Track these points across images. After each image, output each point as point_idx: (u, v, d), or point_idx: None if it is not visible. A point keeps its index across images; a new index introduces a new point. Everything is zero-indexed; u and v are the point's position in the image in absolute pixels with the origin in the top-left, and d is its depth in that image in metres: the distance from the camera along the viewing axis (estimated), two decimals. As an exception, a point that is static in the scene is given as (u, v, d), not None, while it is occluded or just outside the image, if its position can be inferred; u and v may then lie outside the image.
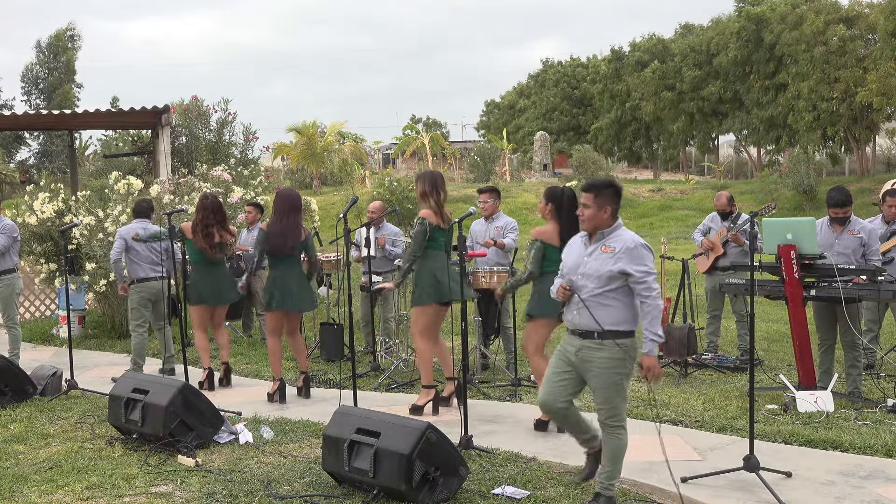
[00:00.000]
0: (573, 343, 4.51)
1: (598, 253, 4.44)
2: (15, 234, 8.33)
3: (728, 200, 8.54)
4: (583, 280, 4.44)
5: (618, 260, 4.36)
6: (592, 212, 4.46)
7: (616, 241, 4.43)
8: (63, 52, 51.55)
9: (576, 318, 4.47)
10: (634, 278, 4.34)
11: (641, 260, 4.36)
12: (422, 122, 63.61)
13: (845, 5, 31.46)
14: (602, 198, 4.45)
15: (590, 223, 4.48)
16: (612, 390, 4.40)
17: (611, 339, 4.37)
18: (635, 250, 4.37)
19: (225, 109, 15.07)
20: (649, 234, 25.75)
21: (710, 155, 46.71)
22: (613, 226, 4.48)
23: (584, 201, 4.49)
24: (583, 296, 4.40)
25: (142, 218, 8.30)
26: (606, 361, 4.38)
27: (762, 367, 7.92)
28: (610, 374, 4.38)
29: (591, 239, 4.53)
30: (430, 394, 6.65)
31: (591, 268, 4.42)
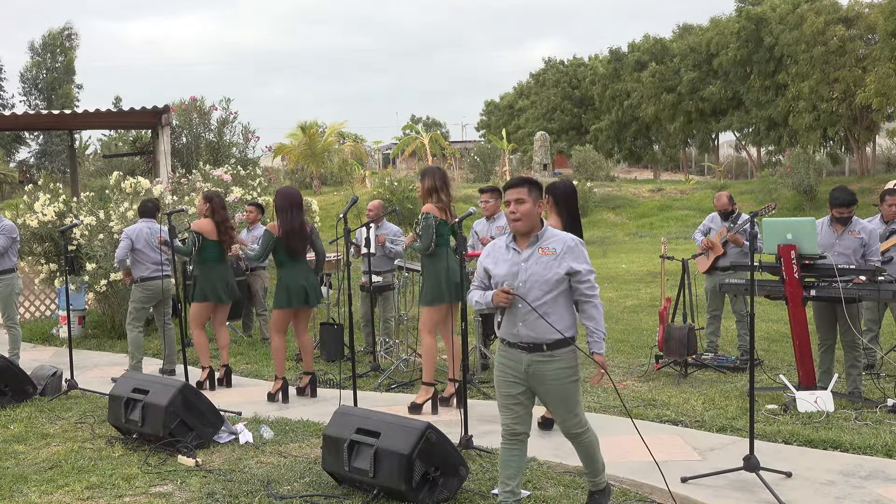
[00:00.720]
0: (518, 358, 4.14)
1: (538, 257, 4.09)
2: (14, 235, 8.33)
3: (728, 200, 8.55)
4: (525, 289, 4.06)
5: (562, 260, 4.07)
6: (529, 206, 4.09)
7: (554, 241, 4.13)
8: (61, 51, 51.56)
9: (521, 330, 4.10)
10: (580, 276, 4.08)
11: (583, 257, 4.14)
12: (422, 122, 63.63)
13: (845, 5, 31.47)
14: (534, 194, 4.13)
15: (527, 220, 4.10)
16: (572, 399, 4.17)
17: (561, 349, 4.09)
18: (576, 248, 4.13)
19: (226, 108, 15.09)
20: (649, 235, 25.76)
21: (710, 155, 46.72)
22: (545, 226, 4.19)
23: (516, 196, 4.09)
24: (528, 307, 4.06)
25: (147, 218, 8.32)
26: (561, 372, 4.10)
27: (762, 367, 7.92)
28: (566, 384, 4.13)
29: (523, 243, 4.16)
30: (429, 392, 6.65)
31: (536, 273, 4.06)
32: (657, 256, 10.27)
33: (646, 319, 11.05)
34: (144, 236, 8.11)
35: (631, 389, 7.32)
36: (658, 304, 9.04)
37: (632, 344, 9.42)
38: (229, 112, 15.15)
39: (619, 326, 10.64)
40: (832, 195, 6.82)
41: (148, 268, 8.11)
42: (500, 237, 4.30)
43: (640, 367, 8.20)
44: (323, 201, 26.79)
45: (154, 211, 8.41)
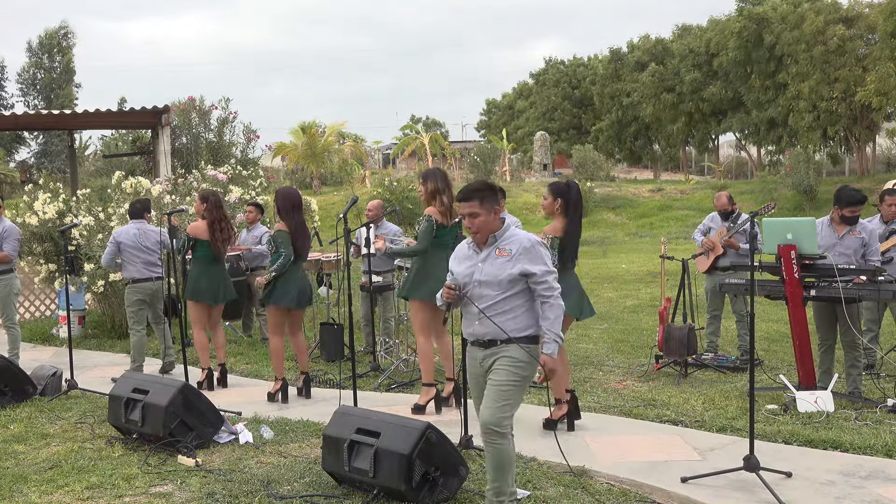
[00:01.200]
0: (476, 355, 4.27)
1: (494, 257, 4.18)
2: (18, 236, 8.35)
3: (728, 200, 8.55)
4: (480, 288, 4.17)
5: (516, 261, 4.13)
6: (483, 219, 4.17)
7: (510, 242, 4.19)
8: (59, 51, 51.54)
9: (477, 329, 4.21)
10: (535, 277, 4.11)
11: (540, 258, 4.15)
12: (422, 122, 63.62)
13: (845, 5, 31.47)
14: (488, 202, 4.18)
15: (484, 230, 4.19)
16: (507, 391, 4.10)
17: (513, 344, 4.14)
18: (532, 249, 4.15)
19: (225, 108, 15.09)
20: (649, 235, 25.77)
21: (710, 155, 46.73)
22: (503, 227, 4.24)
23: (469, 211, 4.17)
24: (483, 304, 4.15)
25: (136, 219, 8.30)
26: (507, 360, 4.13)
27: (762, 367, 7.92)
28: (510, 371, 4.11)
29: (483, 244, 4.25)
30: (430, 392, 6.64)
31: (489, 274, 4.15)
32: (657, 256, 10.26)
33: (646, 319, 11.05)
34: (132, 238, 8.09)
35: (631, 389, 7.32)
36: (658, 304, 9.03)
37: (632, 344, 9.43)
38: (229, 112, 15.15)
39: (619, 326, 10.64)
40: (842, 194, 6.74)
41: (138, 269, 8.09)
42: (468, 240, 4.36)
43: (640, 367, 8.20)
44: (323, 201, 26.79)
45: (142, 211, 8.39)
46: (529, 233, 4.28)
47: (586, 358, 8.71)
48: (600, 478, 5.05)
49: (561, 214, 6.05)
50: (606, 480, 5.00)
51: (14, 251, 8.22)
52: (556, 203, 6.04)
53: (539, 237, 6.03)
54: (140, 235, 8.11)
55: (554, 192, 6.08)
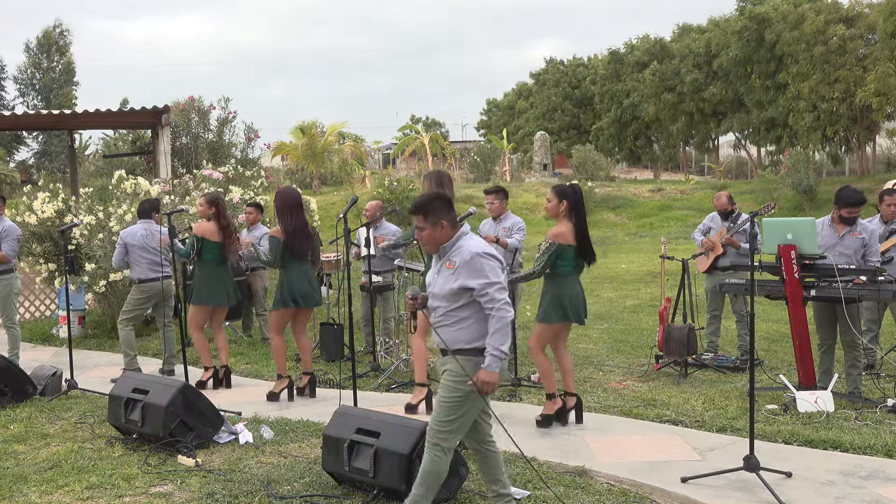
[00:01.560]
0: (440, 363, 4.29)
1: (443, 269, 4.19)
2: (17, 236, 8.34)
3: (728, 200, 8.55)
4: (433, 300, 4.22)
5: (458, 276, 4.10)
6: (428, 232, 4.19)
7: (456, 254, 4.15)
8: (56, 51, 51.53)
9: (435, 336, 4.24)
10: (475, 292, 4.06)
11: (480, 272, 4.06)
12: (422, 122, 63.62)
13: (845, 5, 31.46)
14: (434, 215, 4.17)
15: (432, 244, 4.20)
16: (448, 406, 4.09)
17: (462, 356, 4.09)
18: (472, 262, 4.07)
19: (225, 108, 15.09)
20: (649, 235, 25.77)
21: (710, 155, 46.73)
22: (455, 237, 4.20)
23: (416, 224, 4.22)
24: (437, 315, 4.18)
25: (145, 218, 8.31)
26: (448, 374, 4.12)
27: (762, 367, 7.92)
28: (448, 387, 4.10)
29: (439, 255, 4.27)
30: (423, 392, 6.66)
31: (438, 286, 4.18)
32: (657, 256, 10.27)
33: (646, 319, 11.05)
34: (140, 237, 8.08)
35: (631, 389, 7.32)
36: (658, 304, 9.04)
37: (632, 344, 9.43)
38: (228, 112, 15.16)
39: (619, 326, 10.64)
40: (842, 195, 6.74)
41: (144, 269, 8.08)
42: None
43: (640, 367, 8.20)
44: (323, 201, 26.78)
45: (151, 211, 8.38)
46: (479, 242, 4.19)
47: (586, 358, 8.71)
48: (600, 478, 5.05)
49: (566, 217, 6.08)
50: (606, 480, 5.00)
51: (13, 251, 8.22)
52: (562, 205, 6.08)
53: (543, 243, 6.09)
54: (147, 236, 8.09)
55: (559, 194, 6.11)
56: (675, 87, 38.97)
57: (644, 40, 42.34)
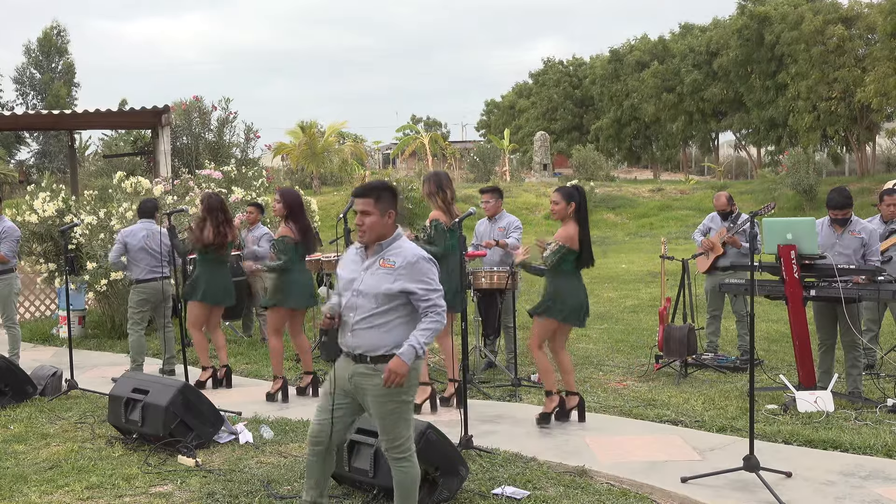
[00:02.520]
0: (346, 368, 4.00)
1: (377, 268, 3.91)
2: (16, 236, 8.34)
3: (728, 200, 8.55)
4: (357, 298, 3.92)
5: (398, 277, 3.85)
6: (375, 219, 3.89)
7: (396, 254, 3.90)
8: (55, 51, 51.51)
9: (349, 339, 3.95)
10: (417, 296, 3.85)
11: (424, 275, 3.87)
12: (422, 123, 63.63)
13: (844, 5, 31.47)
14: (383, 202, 3.90)
15: (372, 233, 3.90)
16: (392, 419, 3.89)
17: (385, 364, 3.85)
18: (417, 265, 3.86)
19: (226, 108, 15.09)
20: (649, 235, 25.77)
21: (710, 155, 46.73)
22: (393, 235, 3.96)
23: (363, 208, 3.89)
24: (358, 316, 3.90)
25: (146, 218, 8.30)
26: (380, 389, 3.87)
27: (762, 367, 7.92)
28: (386, 401, 3.87)
29: (369, 251, 3.99)
30: (426, 391, 6.66)
31: (368, 285, 3.89)
32: (657, 256, 10.27)
33: (646, 319, 11.05)
34: (141, 238, 8.06)
35: (631, 389, 7.33)
36: (658, 304, 9.04)
37: (632, 344, 9.43)
38: (229, 112, 15.16)
39: (619, 326, 10.64)
40: (829, 197, 6.81)
41: (143, 269, 8.06)
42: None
43: (640, 367, 8.20)
44: (323, 201, 26.79)
45: (153, 211, 8.36)
46: (418, 247, 3.99)
47: (586, 358, 8.71)
48: (600, 478, 5.05)
49: (573, 219, 6.11)
50: (606, 480, 5.00)
51: (11, 252, 8.21)
52: (570, 207, 6.11)
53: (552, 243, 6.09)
54: (148, 236, 8.06)
55: (566, 196, 6.14)
56: (675, 86, 38.97)
57: (644, 40, 42.35)
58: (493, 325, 8.05)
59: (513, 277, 7.65)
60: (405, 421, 3.94)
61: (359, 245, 4.05)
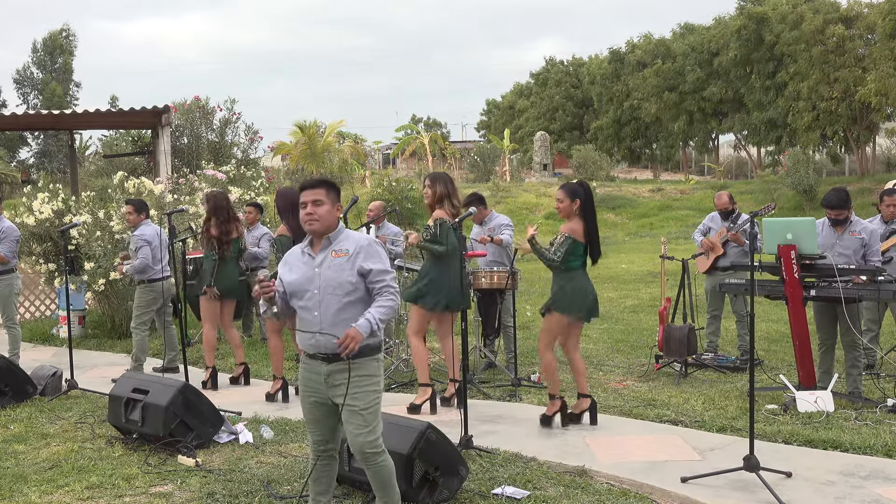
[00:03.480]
0: (317, 370, 3.90)
1: (331, 260, 3.88)
2: (15, 237, 8.34)
3: (729, 199, 8.56)
4: (322, 296, 3.85)
5: (355, 260, 3.85)
6: (328, 208, 3.88)
7: (346, 242, 3.91)
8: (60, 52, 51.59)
9: (318, 340, 3.85)
10: (373, 274, 3.84)
11: (378, 255, 3.89)
12: (422, 123, 63.62)
13: (844, 5, 31.48)
14: (334, 194, 3.93)
15: (324, 222, 3.88)
16: (372, 411, 3.84)
17: (361, 357, 3.82)
18: (370, 247, 3.89)
19: (230, 109, 15.10)
20: (649, 235, 25.77)
21: (710, 155, 46.73)
22: (339, 228, 3.96)
23: (313, 198, 3.87)
24: (325, 315, 3.84)
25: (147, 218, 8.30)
26: (362, 380, 3.83)
27: (762, 367, 7.92)
28: (368, 393, 3.84)
29: (317, 247, 3.94)
30: (427, 392, 6.66)
31: (328, 278, 3.84)
32: (657, 256, 10.27)
33: (646, 319, 11.05)
34: (155, 238, 8.10)
35: (631, 389, 7.33)
36: (658, 304, 9.04)
37: (632, 344, 9.43)
38: (233, 112, 15.16)
39: (619, 326, 10.64)
40: (824, 198, 6.82)
41: (158, 269, 8.09)
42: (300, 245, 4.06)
43: (640, 367, 8.20)
44: (323, 201, 26.71)
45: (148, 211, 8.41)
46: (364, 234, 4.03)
47: (586, 358, 8.70)
48: (600, 478, 5.05)
49: (578, 216, 6.11)
50: (606, 480, 5.00)
51: (11, 252, 8.22)
52: (575, 204, 6.11)
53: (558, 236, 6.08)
54: (156, 236, 8.11)
55: (570, 193, 6.14)
56: (676, 86, 38.98)
57: (647, 40, 42.34)
58: (493, 325, 8.05)
59: (513, 277, 7.65)
60: (380, 413, 3.92)
61: (304, 245, 4.01)
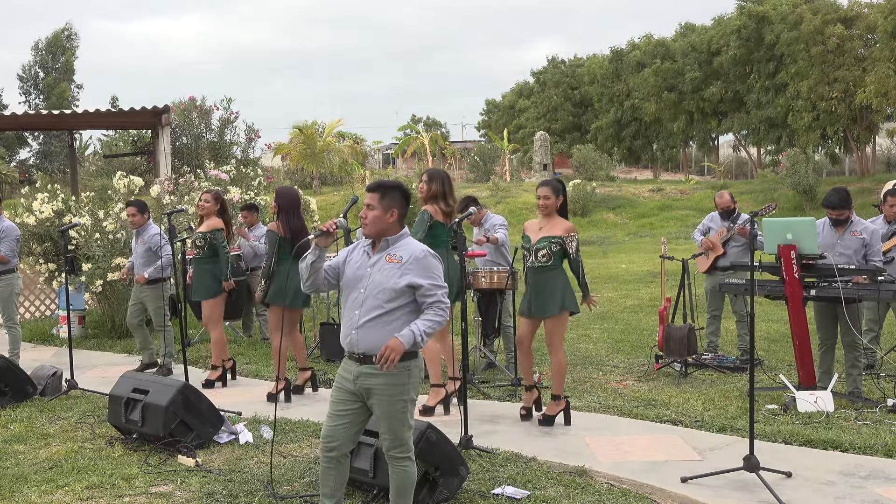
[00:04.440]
0: (351, 370, 3.96)
1: (383, 264, 3.91)
2: (15, 236, 8.35)
3: (731, 198, 8.56)
4: (366, 296, 3.90)
5: (406, 271, 3.86)
6: (377, 213, 3.92)
7: (402, 250, 3.92)
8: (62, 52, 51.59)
9: (354, 338, 3.92)
10: (423, 290, 3.86)
11: (431, 270, 3.89)
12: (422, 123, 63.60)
13: (844, 5, 31.46)
14: (389, 199, 3.94)
15: (373, 227, 3.93)
16: (398, 419, 3.89)
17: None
18: (424, 260, 3.89)
19: (227, 108, 15.10)
20: (649, 235, 25.76)
21: (710, 155, 46.72)
22: (400, 233, 3.98)
23: (367, 202, 3.94)
24: (364, 314, 3.89)
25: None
26: (389, 388, 3.87)
27: (762, 367, 7.92)
28: (393, 401, 3.87)
29: (375, 248, 3.99)
30: (439, 393, 6.64)
31: (375, 281, 3.88)
32: (657, 256, 10.28)
33: (646, 319, 11.05)
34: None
35: (631, 389, 7.32)
36: (658, 304, 9.04)
37: (632, 344, 9.43)
38: (230, 112, 15.17)
39: (619, 326, 10.64)
40: (825, 197, 6.82)
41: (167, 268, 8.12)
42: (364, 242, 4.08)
43: (640, 367, 8.20)
44: (323, 201, 26.78)
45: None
46: (424, 244, 4.01)
47: (586, 358, 8.71)
48: (600, 478, 5.04)
49: (557, 213, 6.18)
50: (606, 480, 5.00)
51: (12, 252, 8.22)
52: (559, 201, 6.16)
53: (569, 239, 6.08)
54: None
55: (556, 190, 6.20)
56: (676, 85, 38.97)
57: (647, 40, 42.32)
58: (493, 325, 8.05)
59: (512, 277, 7.65)
60: (409, 420, 3.96)
61: (365, 243, 4.05)
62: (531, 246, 6.20)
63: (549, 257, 6.11)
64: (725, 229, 8.26)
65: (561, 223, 6.16)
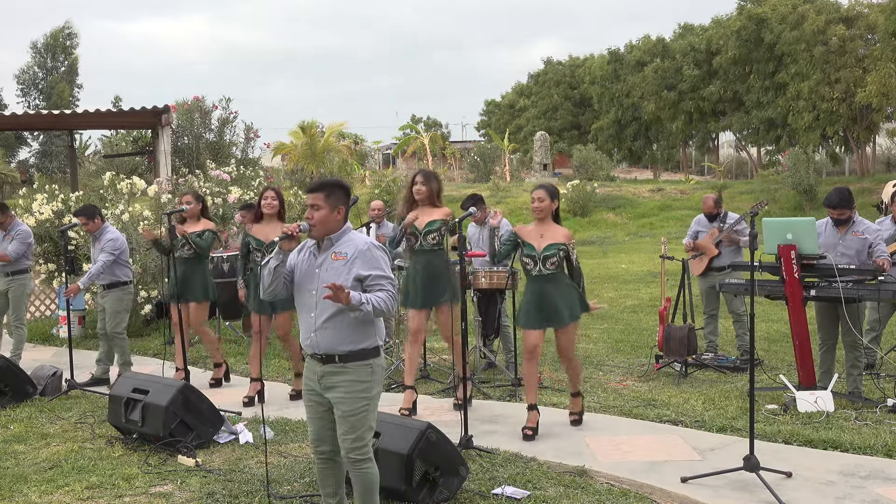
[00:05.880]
0: (315, 370, 3.95)
1: (330, 262, 3.91)
2: (29, 240, 8.35)
3: (714, 203, 8.52)
4: (318, 296, 3.87)
5: (352, 266, 3.88)
6: (324, 214, 3.90)
7: (346, 246, 3.93)
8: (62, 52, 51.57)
9: (313, 339, 3.91)
10: (369, 279, 3.87)
11: (376, 262, 3.90)
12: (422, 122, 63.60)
13: (845, 5, 31.46)
14: (334, 198, 3.93)
15: (322, 227, 3.91)
16: (359, 417, 3.86)
17: (354, 361, 3.87)
18: (368, 252, 3.90)
19: (226, 108, 15.10)
20: (649, 235, 25.76)
21: (710, 155, 46.72)
22: (343, 229, 3.97)
23: (312, 202, 3.90)
24: (323, 314, 3.87)
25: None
26: (351, 384, 3.87)
27: (762, 367, 7.92)
28: (356, 398, 3.86)
29: (320, 247, 3.98)
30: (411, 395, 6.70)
31: (326, 280, 3.83)
32: (657, 256, 10.26)
33: (646, 319, 11.05)
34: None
35: (631, 389, 7.32)
36: (658, 304, 9.03)
37: (632, 344, 9.42)
38: (229, 112, 15.16)
39: (619, 326, 10.64)
40: (826, 197, 6.81)
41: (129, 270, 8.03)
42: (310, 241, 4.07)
43: (640, 367, 8.20)
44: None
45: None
46: (367, 237, 4.04)
47: (586, 358, 8.71)
48: (600, 478, 5.05)
49: (552, 217, 6.10)
50: (606, 480, 5.00)
51: (16, 253, 8.20)
52: (554, 204, 6.10)
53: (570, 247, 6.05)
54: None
55: (551, 193, 6.12)
56: (675, 84, 38.97)
57: (646, 40, 42.33)
58: (493, 326, 8.06)
59: (512, 277, 7.65)
60: (370, 421, 3.94)
61: (311, 243, 4.04)
62: (538, 254, 5.95)
63: (556, 265, 5.95)
64: (717, 230, 8.25)
65: (560, 229, 6.07)
